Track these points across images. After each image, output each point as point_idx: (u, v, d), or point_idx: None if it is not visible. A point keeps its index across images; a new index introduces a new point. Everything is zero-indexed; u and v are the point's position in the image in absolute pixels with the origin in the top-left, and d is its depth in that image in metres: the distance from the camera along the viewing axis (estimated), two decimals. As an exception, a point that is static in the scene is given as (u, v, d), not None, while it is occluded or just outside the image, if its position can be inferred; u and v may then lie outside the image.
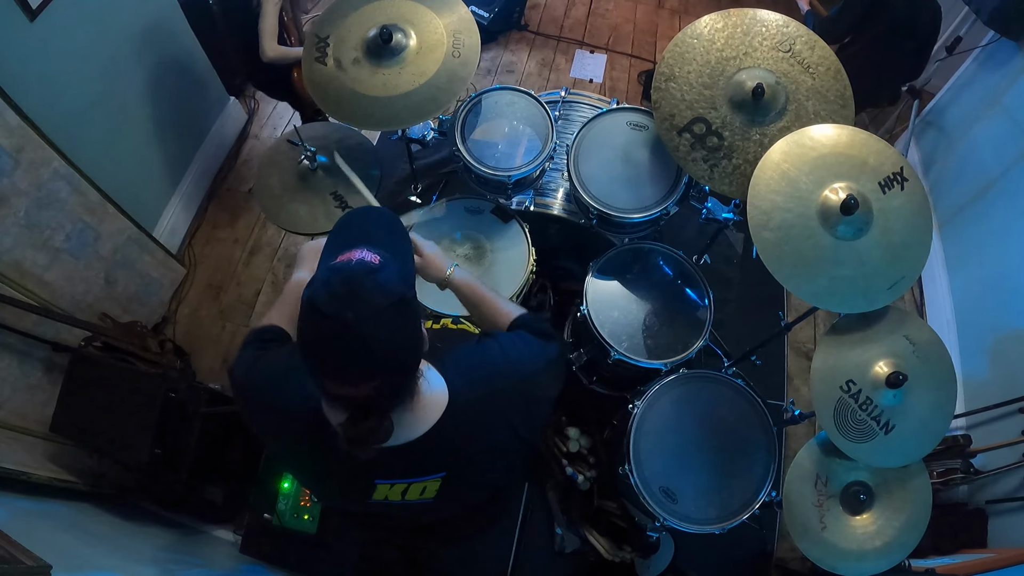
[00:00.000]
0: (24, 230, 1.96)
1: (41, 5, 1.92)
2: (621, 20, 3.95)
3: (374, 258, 0.75)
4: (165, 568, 1.85)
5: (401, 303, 0.74)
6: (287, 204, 1.83)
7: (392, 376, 0.75)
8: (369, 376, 0.72)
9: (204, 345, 2.71)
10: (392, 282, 0.74)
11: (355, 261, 0.74)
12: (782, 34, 1.68)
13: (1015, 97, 2.55)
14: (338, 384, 0.73)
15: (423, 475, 0.92)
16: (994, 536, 2.11)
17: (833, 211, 1.46)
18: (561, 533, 2.17)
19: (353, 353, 0.71)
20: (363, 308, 0.70)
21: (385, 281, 0.73)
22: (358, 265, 0.74)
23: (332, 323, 0.70)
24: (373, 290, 0.72)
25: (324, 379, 0.74)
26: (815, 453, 1.63)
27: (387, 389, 0.75)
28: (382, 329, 0.72)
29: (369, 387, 0.72)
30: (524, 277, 1.85)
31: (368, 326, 0.70)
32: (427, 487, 0.93)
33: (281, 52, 2.39)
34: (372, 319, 0.71)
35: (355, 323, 0.70)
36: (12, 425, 1.96)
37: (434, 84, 1.68)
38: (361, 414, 0.75)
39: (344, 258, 0.75)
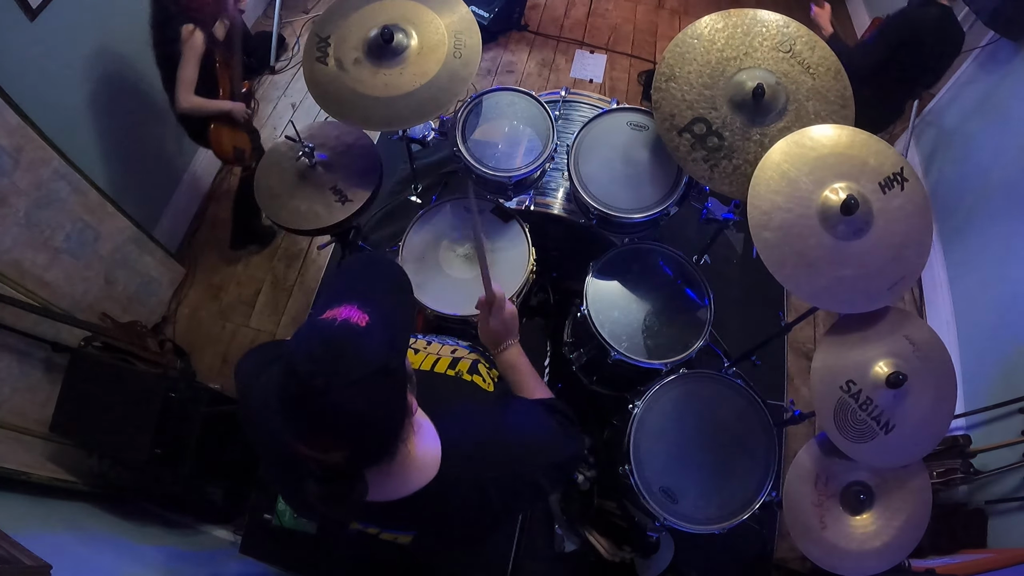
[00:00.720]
0: (24, 230, 1.96)
1: (41, 5, 1.92)
2: (621, 20, 3.95)
3: (361, 319, 0.70)
4: (165, 568, 1.84)
5: (381, 373, 0.69)
6: (287, 202, 1.83)
7: (364, 446, 0.71)
8: (338, 445, 0.69)
9: (204, 345, 2.71)
10: (374, 350, 0.69)
11: (339, 321, 0.70)
12: (782, 34, 1.68)
13: (1015, 97, 2.56)
14: (306, 447, 0.69)
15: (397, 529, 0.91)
16: (994, 536, 2.11)
17: (833, 211, 1.46)
18: (561, 533, 2.17)
19: (322, 420, 0.67)
20: (338, 376, 0.66)
21: (367, 348, 0.69)
22: (341, 326, 0.69)
23: (304, 386, 0.66)
24: (352, 357, 0.67)
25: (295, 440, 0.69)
26: (815, 453, 1.63)
27: (357, 458, 0.71)
28: (356, 399, 0.67)
29: (338, 455, 0.69)
30: (524, 277, 1.85)
31: (341, 395, 0.66)
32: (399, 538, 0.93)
33: (195, 104, 2.21)
34: (346, 388, 0.66)
35: (327, 390, 0.65)
36: (12, 425, 1.96)
37: (435, 84, 1.68)
38: (330, 475, 0.71)
39: (330, 315, 0.71)
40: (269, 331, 2.76)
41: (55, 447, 2.06)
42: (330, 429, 0.68)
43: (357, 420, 0.68)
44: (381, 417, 0.71)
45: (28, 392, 2.02)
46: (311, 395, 0.66)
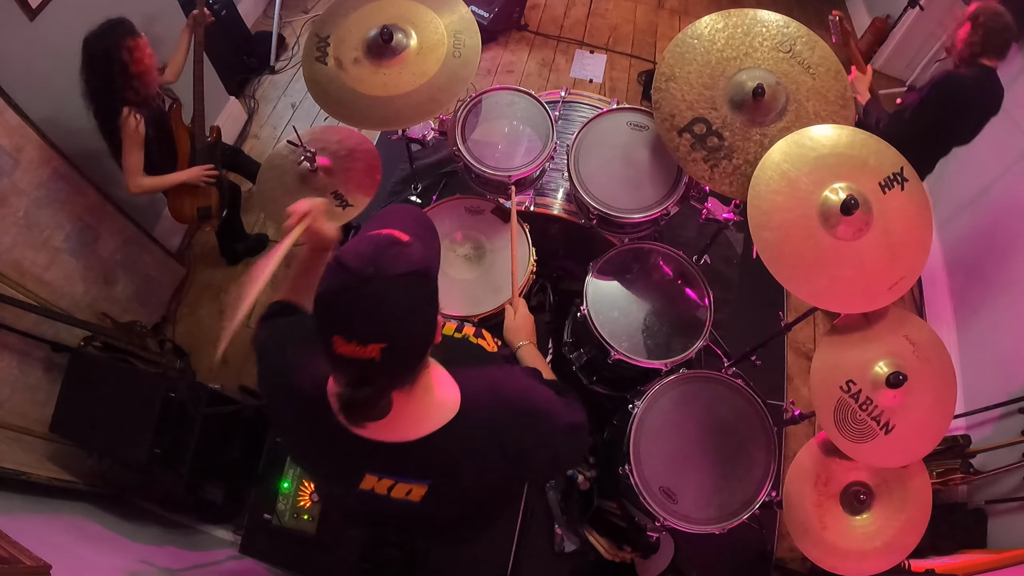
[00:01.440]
0: (24, 230, 1.96)
1: (41, 5, 1.92)
2: (621, 20, 3.95)
3: (404, 236, 0.79)
4: (165, 568, 1.85)
5: (421, 276, 0.76)
6: (287, 204, 1.82)
7: (399, 343, 0.75)
8: (376, 336, 0.72)
9: (204, 345, 2.71)
10: (416, 255, 0.77)
11: (385, 232, 0.78)
12: (782, 35, 1.68)
13: (1015, 97, 2.55)
14: (345, 340, 0.72)
15: (411, 478, 0.92)
16: (993, 536, 2.11)
17: (833, 211, 1.46)
18: (561, 533, 2.16)
19: (366, 308, 0.73)
20: (384, 268, 0.73)
21: (410, 252, 0.76)
22: (387, 236, 0.78)
23: (352, 276, 0.73)
24: (397, 256, 0.75)
25: (333, 334, 0.73)
26: (815, 453, 1.63)
27: (391, 357, 0.74)
28: (398, 293, 0.74)
29: (376, 349, 0.72)
30: (525, 277, 1.85)
31: (385, 286, 0.73)
32: (413, 490, 0.93)
33: (147, 187, 2.11)
34: (390, 281, 0.73)
35: (374, 279, 0.72)
36: (12, 425, 1.96)
37: (435, 84, 1.68)
38: (362, 380, 0.75)
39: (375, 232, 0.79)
40: (269, 331, 2.76)
41: (55, 447, 2.06)
42: (373, 317, 0.73)
43: (397, 312, 0.74)
44: (417, 317, 0.77)
45: (28, 392, 2.02)
46: (359, 283, 0.72)
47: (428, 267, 0.79)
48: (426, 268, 0.78)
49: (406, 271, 0.74)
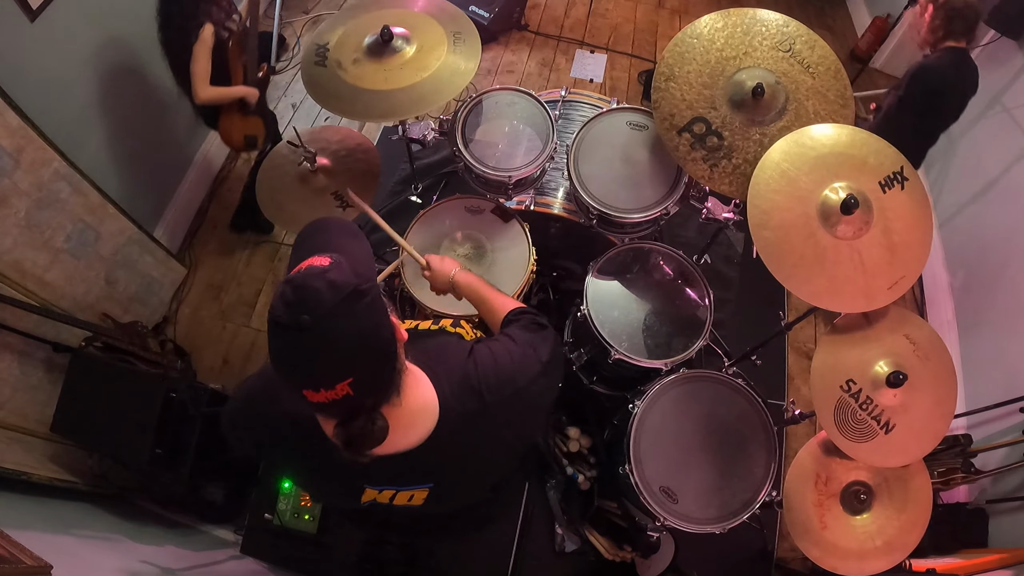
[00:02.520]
0: (25, 230, 1.96)
1: (41, 5, 1.93)
2: (621, 20, 3.95)
3: (323, 261, 0.75)
4: (165, 568, 1.85)
5: (355, 295, 0.73)
6: (287, 205, 1.83)
7: (365, 367, 0.74)
8: (340, 373, 0.71)
9: (204, 345, 2.72)
10: (342, 278, 0.73)
11: (304, 269, 0.74)
12: (782, 34, 1.68)
13: (1015, 97, 2.55)
14: (314, 391, 0.71)
15: (411, 484, 0.92)
16: (994, 536, 2.11)
17: (833, 210, 1.46)
18: (561, 533, 2.16)
19: (317, 353, 0.71)
20: (317, 308, 0.70)
21: (335, 278, 0.73)
22: (306, 272, 0.74)
23: (290, 331, 0.70)
24: (323, 289, 0.71)
25: (301, 389, 0.72)
26: (815, 453, 1.63)
27: (365, 383, 0.74)
28: (340, 323, 0.71)
29: (345, 385, 0.71)
30: (525, 277, 1.85)
31: (325, 324, 0.70)
32: (415, 495, 0.94)
33: (212, 94, 2.27)
34: (328, 316, 0.70)
35: (312, 324, 0.69)
36: (12, 425, 1.96)
37: (436, 77, 1.68)
38: (349, 416, 0.74)
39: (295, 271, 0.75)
40: (269, 331, 2.76)
41: (56, 447, 2.07)
42: (328, 359, 0.71)
43: (349, 342, 0.72)
44: (370, 337, 0.74)
45: (29, 392, 2.03)
46: (299, 335, 0.69)
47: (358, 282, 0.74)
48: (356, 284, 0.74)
49: (337, 300, 0.71)
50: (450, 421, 0.88)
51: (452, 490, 0.98)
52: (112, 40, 2.31)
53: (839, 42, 3.88)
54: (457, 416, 0.88)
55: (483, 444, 0.93)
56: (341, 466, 0.85)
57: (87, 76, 2.22)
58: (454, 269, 1.27)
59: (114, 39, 2.32)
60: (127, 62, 2.41)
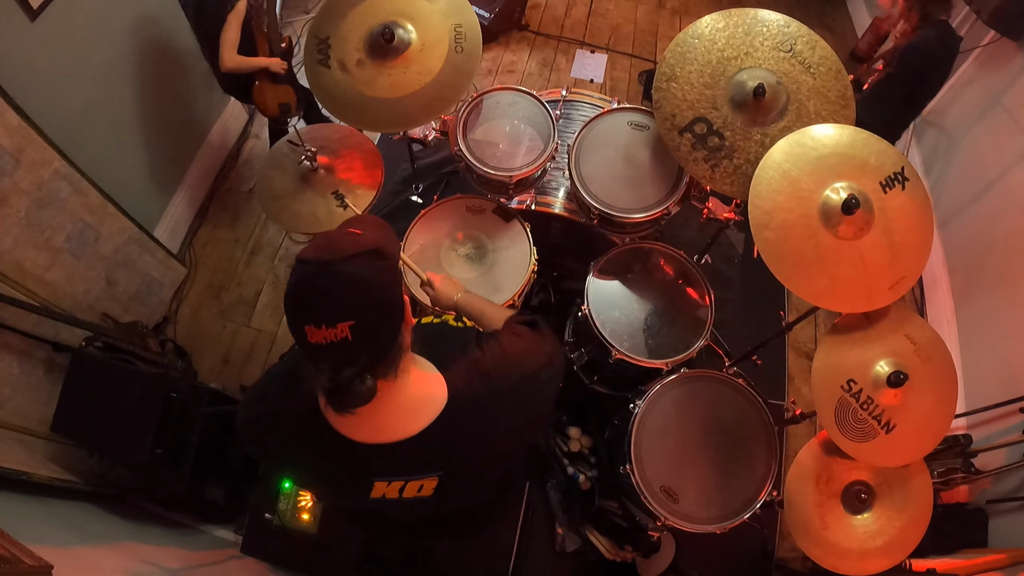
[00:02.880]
0: (25, 230, 1.96)
1: (41, 5, 1.92)
2: (622, 20, 3.95)
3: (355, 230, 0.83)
4: (165, 568, 1.84)
5: (376, 252, 0.79)
6: (288, 204, 1.83)
7: (366, 318, 0.76)
8: (342, 314, 0.74)
9: (205, 345, 2.71)
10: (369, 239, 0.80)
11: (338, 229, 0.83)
12: (783, 34, 1.68)
13: (1015, 97, 2.56)
14: (315, 327, 0.74)
15: (420, 473, 0.92)
16: (994, 536, 2.11)
17: (834, 211, 1.46)
18: (562, 533, 2.16)
19: (327, 292, 0.75)
20: (340, 253, 0.76)
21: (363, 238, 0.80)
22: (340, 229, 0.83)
23: (309, 266, 0.76)
24: (351, 242, 0.78)
25: (303, 325, 0.75)
26: (816, 452, 1.63)
27: (365, 332, 0.76)
28: (356, 271, 0.76)
29: (345, 328, 0.74)
30: (526, 276, 1.85)
31: (342, 267, 0.76)
32: (424, 485, 0.94)
33: (238, 62, 2.39)
34: (347, 261, 0.76)
35: (330, 263, 0.75)
36: (13, 425, 1.96)
37: (440, 81, 1.68)
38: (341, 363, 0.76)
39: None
40: (270, 331, 2.76)
41: (56, 447, 2.06)
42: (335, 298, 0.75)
43: (358, 289, 0.76)
44: (378, 291, 0.79)
45: (29, 392, 2.02)
46: (317, 269, 0.75)
47: (382, 246, 0.81)
48: (380, 247, 0.80)
49: (359, 251, 0.77)
50: (458, 405, 0.89)
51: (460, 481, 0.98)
52: (112, 40, 2.31)
53: (839, 42, 3.88)
54: (465, 400, 0.90)
55: (489, 430, 0.94)
56: (350, 460, 0.87)
57: (87, 76, 2.22)
58: (458, 293, 1.32)
59: (114, 39, 2.32)
60: (127, 61, 2.40)
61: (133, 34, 2.40)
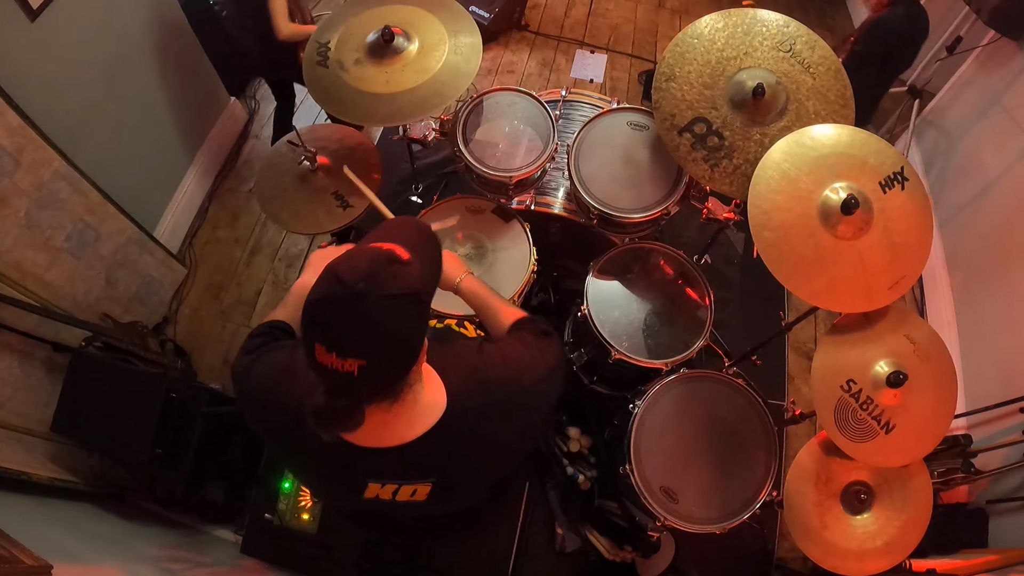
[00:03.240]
0: (25, 230, 1.96)
1: (41, 5, 1.92)
2: (621, 20, 3.95)
3: (404, 255, 0.78)
4: (165, 568, 1.85)
5: (415, 299, 0.76)
6: (288, 204, 1.83)
7: (380, 363, 0.74)
8: (358, 353, 0.72)
9: (205, 345, 2.71)
10: (413, 278, 0.76)
11: (385, 249, 0.77)
12: (782, 34, 1.68)
13: (1015, 97, 2.55)
14: (326, 350, 0.72)
15: (414, 478, 0.92)
16: (994, 536, 2.11)
17: (834, 211, 1.46)
18: (562, 533, 2.16)
19: (352, 324, 0.72)
20: (376, 287, 0.72)
21: (407, 275, 0.76)
22: (387, 252, 0.77)
23: (344, 289, 0.72)
24: (393, 276, 0.74)
25: (315, 341, 0.73)
26: (816, 453, 1.63)
27: (371, 375, 0.74)
28: (386, 314, 0.73)
29: (354, 365, 0.72)
30: (525, 277, 1.85)
31: (375, 304, 0.72)
32: (418, 490, 0.94)
33: (294, 28, 2.42)
34: (381, 301, 0.73)
35: (364, 296, 0.72)
36: (13, 425, 1.96)
37: (438, 80, 1.68)
38: (338, 391, 0.74)
39: (378, 244, 0.79)
40: (270, 331, 2.76)
41: (56, 447, 2.06)
42: (356, 334, 0.73)
43: (381, 332, 0.73)
44: (402, 339, 0.77)
45: (29, 392, 2.02)
46: (349, 297, 0.72)
47: (422, 290, 0.78)
48: (420, 291, 0.77)
49: (398, 293, 0.74)
50: (456, 413, 0.88)
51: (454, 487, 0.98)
52: (112, 40, 2.31)
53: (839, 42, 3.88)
54: (463, 409, 0.89)
55: (486, 440, 0.93)
56: (346, 459, 0.86)
57: (87, 76, 2.22)
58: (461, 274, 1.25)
59: (114, 39, 2.32)
60: (127, 61, 2.40)
61: (133, 34, 2.40)
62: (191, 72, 2.83)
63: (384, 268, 0.75)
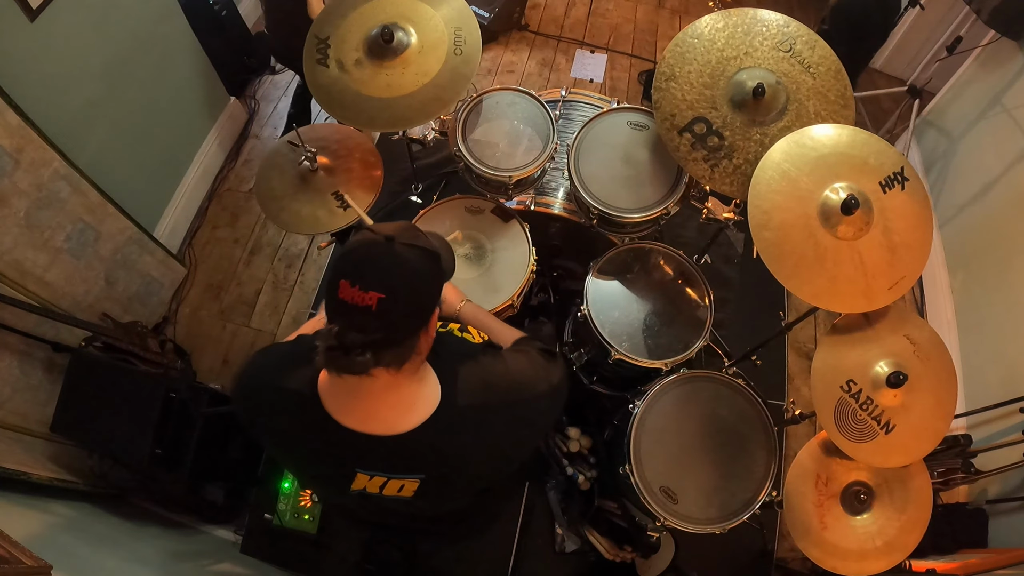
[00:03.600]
0: (24, 230, 1.96)
1: (41, 5, 1.92)
2: (621, 20, 3.95)
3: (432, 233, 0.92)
4: (165, 568, 1.85)
5: (435, 256, 0.86)
6: (288, 204, 1.83)
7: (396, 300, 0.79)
8: (378, 285, 0.78)
9: (204, 345, 2.72)
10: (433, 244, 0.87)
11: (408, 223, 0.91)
12: (783, 34, 1.68)
13: (1015, 97, 2.55)
14: (350, 284, 0.78)
15: (402, 473, 0.93)
16: (994, 536, 2.11)
17: (834, 211, 1.46)
18: (561, 533, 2.16)
19: (379, 259, 0.81)
20: (408, 237, 0.83)
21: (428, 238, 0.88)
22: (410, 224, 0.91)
23: (375, 235, 0.82)
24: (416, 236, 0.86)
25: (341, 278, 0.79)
26: (816, 453, 1.63)
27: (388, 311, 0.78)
28: (410, 258, 0.82)
29: (374, 298, 0.77)
30: (525, 277, 1.85)
31: (402, 247, 0.82)
32: (405, 485, 0.94)
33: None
34: (410, 247, 0.83)
35: (395, 240, 0.82)
36: (12, 425, 1.96)
37: (437, 83, 1.68)
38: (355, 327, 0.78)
39: None
40: (270, 331, 2.76)
41: (56, 447, 2.06)
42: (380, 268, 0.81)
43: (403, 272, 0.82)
44: (420, 285, 0.84)
45: (29, 392, 2.02)
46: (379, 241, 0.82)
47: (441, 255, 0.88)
48: (440, 255, 0.87)
49: (423, 246, 0.84)
50: (450, 412, 0.89)
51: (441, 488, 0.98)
52: (112, 40, 2.31)
53: (839, 42, 3.88)
54: (458, 409, 0.90)
55: (477, 444, 0.93)
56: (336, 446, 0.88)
57: (87, 76, 2.22)
58: (460, 302, 1.32)
59: (114, 39, 2.32)
60: (127, 61, 2.40)
61: (132, 34, 2.40)
62: (191, 72, 2.83)
63: (410, 228, 0.87)
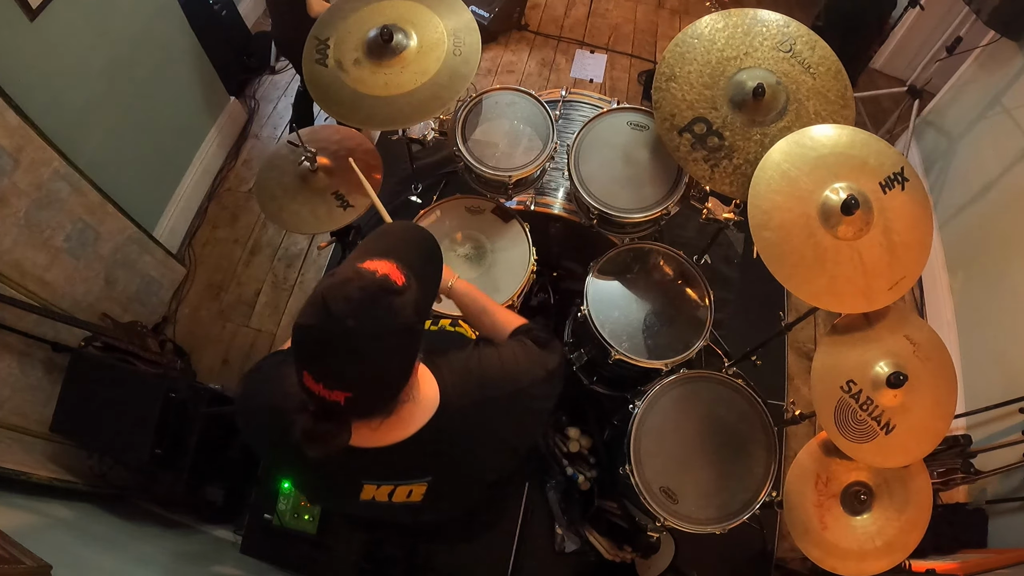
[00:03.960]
0: (24, 230, 1.96)
1: (41, 5, 1.92)
2: (621, 20, 3.95)
3: (400, 278, 0.75)
4: (165, 568, 1.85)
5: (406, 332, 0.75)
6: (288, 204, 1.83)
7: (368, 395, 0.75)
8: (345, 386, 0.72)
9: (204, 345, 2.71)
10: (407, 310, 0.74)
11: (380, 275, 0.74)
12: (783, 34, 1.68)
13: (1015, 97, 2.55)
14: (313, 380, 0.72)
15: (409, 478, 0.92)
16: (994, 536, 2.11)
17: (834, 211, 1.46)
18: (561, 533, 2.16)
19: (340, 360, 0.71)
20: (367, 323, 0.71)
21: (400, 307, 0.74)
22: (381, 280, 0.74)
23: (333, 323, 0.70)
24: (385, 311, 0.72)
25: (303, 369, 0.73)
26: (815, 453, 1.63)
27: (358, 404, 0.75)
28: (377, 350, 0.73)
29: (341, 396, 0.72)
30: (525, 277, 1.85)
31: (364, 342, 0.71)
32: (413, 490, 0.94)
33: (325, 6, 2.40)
34: (371, 337, 0.71)
35: (353, 333, 0.70)
36: (12, 425, 1.96)
37: (436, 82, 1.68)
38: (324, 414, 0.74)
39: (372, 266, 0.75)
40: (269, 331, 2.76)
41: (55, 447, 2.06)
42: (344, 370, 0.72)
43: (369, 369, 0.73)
44: (392, 372, 0.76)
45: (29, 392, 2.02)
46: (337, 332, 0.70)
47: (417, 321, 0.77)
48: (413, 324, 0.76)
49: (391, 329, 0.73)
50: (449, 411, 0.89)
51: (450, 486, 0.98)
52: (112, 39, 2.30)
53: (839, 42, 3.88)
54: (457, 407, 0.89)
55: (480, 438, 0.93)
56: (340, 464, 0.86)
57: (87, 76, 2.22)
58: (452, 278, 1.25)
59: (114, 38, 2.31)
60: (127, 61, 2.40)
61: (132, 34, 2.40)
62: (191, 72, 2.83)
63: (377, 301, 0.72)
